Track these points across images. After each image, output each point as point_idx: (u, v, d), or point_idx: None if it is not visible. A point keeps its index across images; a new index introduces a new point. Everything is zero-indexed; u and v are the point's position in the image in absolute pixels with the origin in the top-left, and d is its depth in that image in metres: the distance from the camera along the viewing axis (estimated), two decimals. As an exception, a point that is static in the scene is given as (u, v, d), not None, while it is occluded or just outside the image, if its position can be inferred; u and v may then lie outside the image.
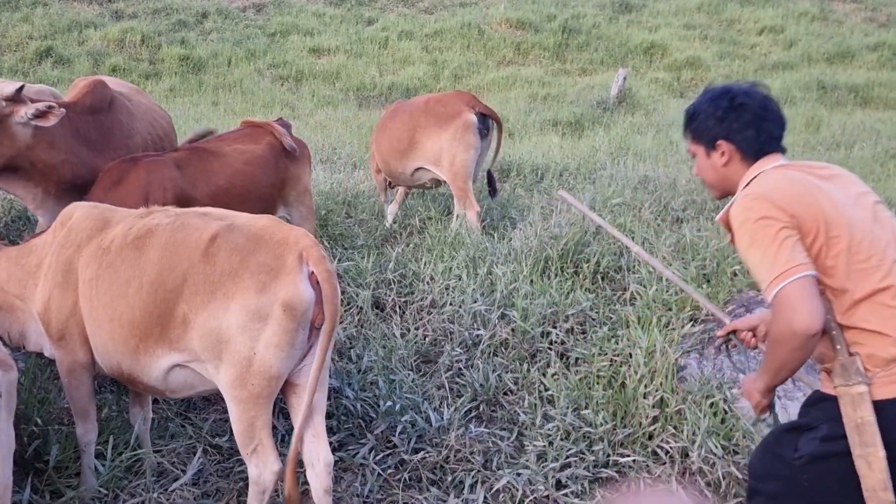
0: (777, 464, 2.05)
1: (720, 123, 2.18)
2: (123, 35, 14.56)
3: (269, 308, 2.41)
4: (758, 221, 1.94)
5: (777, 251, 1.89)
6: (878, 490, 1.82)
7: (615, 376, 3.68)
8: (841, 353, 1.93)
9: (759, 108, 2.16)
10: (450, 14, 17.20)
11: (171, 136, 4.69)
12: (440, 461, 3.30)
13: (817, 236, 1.94)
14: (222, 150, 4.17)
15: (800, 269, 1.87)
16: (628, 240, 2.91)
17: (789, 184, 2.01)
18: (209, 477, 3.17)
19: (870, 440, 1.83)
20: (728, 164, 2.19)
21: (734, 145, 2.17)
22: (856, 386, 1.87)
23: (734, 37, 16.23)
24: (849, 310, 1.94)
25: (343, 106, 12.63)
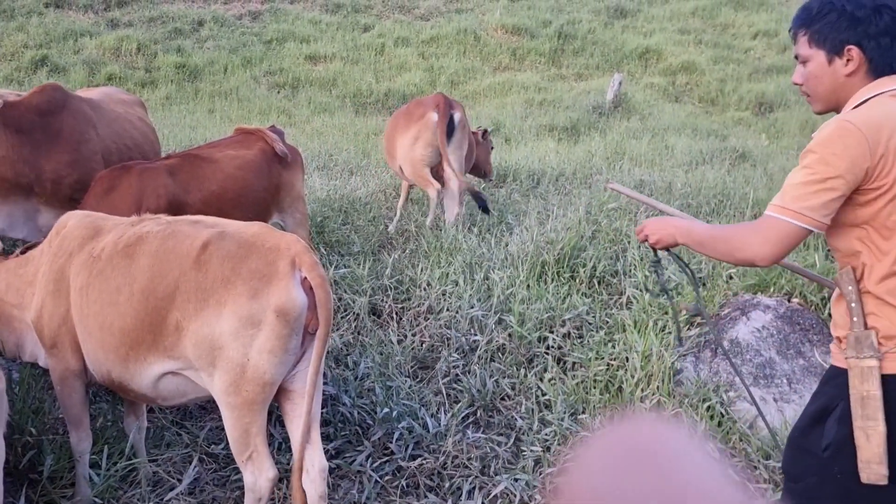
0: (807, 459, 1.99)
1: (855, 26, 1.89)
2: (119, 43, 14.57)
3: (262, 314, 2.41)
4: (833, 156, 1.81)
5: (813, 194, 1.82)
6: (873, 463, 1.81)
7: (612, 380, 3.68)
8: (857, 325, 1.89)
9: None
10: (446, 20, 17.24)
11: (143, 147, 4.64)
12: (437, 467, 3.29)
13: (888, 194, 1.82)
14: (214, 156, 4.18)
15: (806, 221, 1.83)
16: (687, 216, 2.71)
17: (887, 115, 1.82)
18: (205, 486, 3.16)
19: (872, 413, 1.81)
20: (852, 75, 1.93)
21: (865, 54, 1.90)
22: (866, 360, 1.85)
23: (728, 41, 16.29)
24: (884, 279, 1.86)
25: (340, 113, 12.65)
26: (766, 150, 9.49)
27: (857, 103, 1.92)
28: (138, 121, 4.77)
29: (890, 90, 1.91)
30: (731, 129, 11.36)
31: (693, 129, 11.03)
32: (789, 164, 8.05)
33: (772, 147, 9.84)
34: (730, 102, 13.07)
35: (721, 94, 13.78)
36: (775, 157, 8.85)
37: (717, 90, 13.94)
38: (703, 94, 13.91)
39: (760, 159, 8.59)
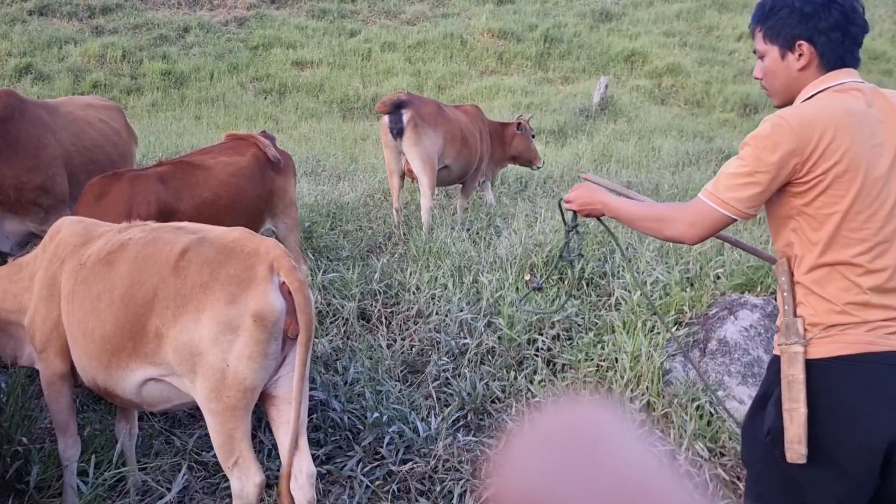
0: (755, 446, 2.06)
1: (805, 22, 1.95)
2: (104, 51, 14.50)
3: (240, 319, 2.40)
4: (764, 150, 1.87)
5: (742, 185, 1.91)
6: (794, 442, 1.86)
7: (602, 381, 3.69)
8: (787, 313, 1.96)
9: (850, 8, 1.95)
10: (432, 25, 17.27)
11: (105, 148, 4.62)
12: (428, 471, 3.28)
13: (822, 185, 1.86)
14: (207, 162, 4.17)
15: (731, 210, 1.93)
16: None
17: (832, 121, 1.85)
18: (194, 494, 3.14)
19: (795, 396, 1.87)
20: (804, 69, 1.98)
21: (816, 48, 1.95)
22: (793, 346, 1.91)
23: (713, 43, 16.40)
24: (811, 270, 1.93)
25: (327, 118, 12.64)
26: (752, 150, 9.55)
27: (805, 98, 1.98)
28: (98, 122, 4.73)
29: (836, 85, 1.95)
30: (716, 131, 11.44)
31: (679, 131, 11.09)
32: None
33: (757, 148, 9.91)
34: (715, 104, 13.16)
35: (706, 95, 13.87)
36: (761, 157, 8.91)
37: (703, 92, 14.03)
38: (688, 96, 13.99)
39: (746, 160, 8.65)
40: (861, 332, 1.87)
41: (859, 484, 1.90)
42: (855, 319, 1.88)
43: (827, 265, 1.90)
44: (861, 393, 1.87)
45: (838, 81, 1.95)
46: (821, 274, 1.91)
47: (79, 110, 4.68)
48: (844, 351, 1.88)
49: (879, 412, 1.86)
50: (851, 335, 1.88)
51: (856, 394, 1.87)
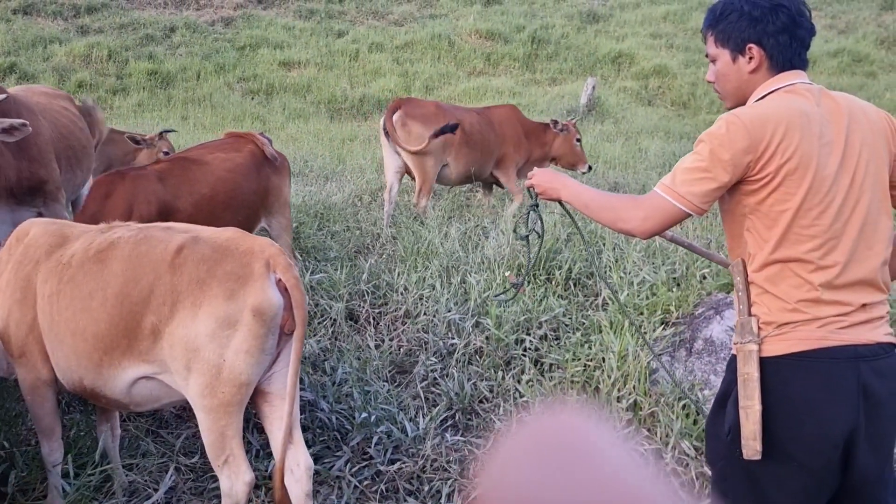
0: (717, 444, 2.08)
1: (754, 25, 2.00)
2: (89, 50, 14.40)
3: (239, 314, 2.43)
4: (719, 147, 1.91)
5: (697, 180, 1.94)
6: (750, 439, 1.89)
7: (589, 381, 3.71)
8: (742, 312, 1.99)
9: (796, 12, 2.00)
10: (420, 26, 17.28)
11: (75, 133, 4.62)
12: (416, 471, 3.29)
13: (770, 184, 1.91)
14: (204, 158, 4.24)
15: (687, 205, 1.95)
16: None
17: (782, 119, 1.90)
18: (182, 495, 3.13)
19: (750, 394, 1.90)
20: (755, 72, 2.03)
21: (765, 51, 2.00)
22: (748, 344, 1.94)
23: (699, 45, 16.47)
24: (764, 267, 1.96)
25: (314, 119, 12.61)
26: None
27: (757, 98, 2.03)
28: (63, 109, 4.75)
29: (786, 85, 2.01)
30: (702, 132, 11.49)
31: (665, 132, 11.15)
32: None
33: (743, 149, 9.99)
34: (701, 105, 13.25)
35: (692, 97, 13.96)
36: (746, 158, 8.98)
37: (689, 94, 14.11)
38: (675, 98, 14.08)
39: (732, 161, 8.71)
40: (813, 329, 1.90)
41: (819, 479, 1.93)
42: (806, 317, 1.91)
43: (779, 262, 1.94)
44: (815, 388, 1.90)
45: (788, 82, 2.01)
46: (773, 271, 1.95)
47: (43, 98, 4.70)
48: (797, 348, 1.91)
49: (834, 406, 1.89)
50: (803, 332, 1.91)
51: (810, 389, 1.90)
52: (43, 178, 4.03)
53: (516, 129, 6.62)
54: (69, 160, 4.47)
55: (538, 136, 6.75)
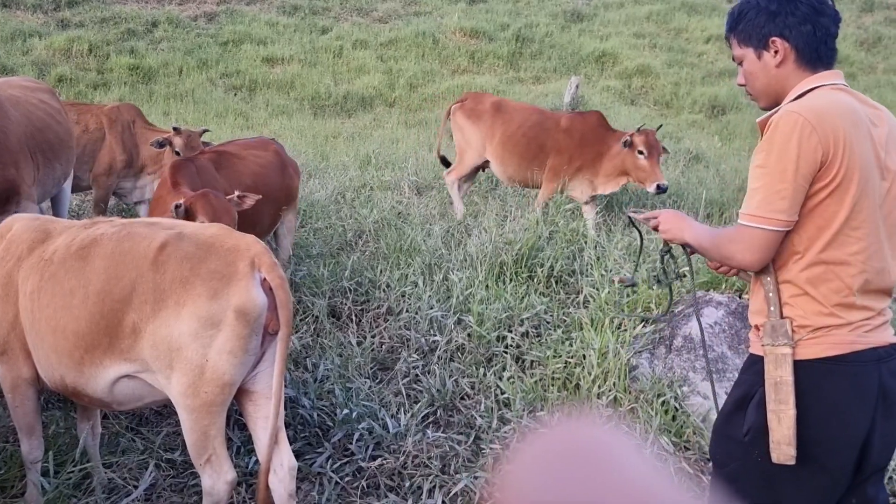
0: (731, 445, 2.07)
1: (773, 19, 1.99)
2: (70, 44, 14.23)
3: (223, 314, 2.41)
4: (788, 152, 1.84)
5: (776, 195, 1.86)
6: (783, 444, 1.88)
7: (570, 378, 3.73)
8: (773, 314, 1.96)
9: (816, 0, 1.98)
10: (404, 23, 17.25)
11: (53, 127, 4.57)
12: (398, 467, 3.30)
13: (833, 183, 1.86)
14: (241, 153, 4.48)
15: (779, 224, 1.87)
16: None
17: (841, 116, 1.87)
18: (162, 492, 3.11)
19: (784, 398, 1.89)
20: (782, 66, 2.00)
21: (789, 43, 1.98)
22: (781, 347, 1.92)
23: (682, 45, 16.62)
24: (808, 267, 1.92)
25: (298, 115, 12.55)
26: (719, 151, 9.72)
27: (797, 94, 1.98)
28: (40, 103, 4.66)
29: (830, 84, 1.97)
30: (685, 132, 11.60)
31: (648, 132, 11.19)
32: (741, 164, 8.27)
33: (724, 149, 10.08)
34: (684, 105, 13.34)
35: (675, 97, 14.05)
36: (728, 158, 9.07)
37: (672, 93, 14.21)
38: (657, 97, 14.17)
39: (713, 160, 8.80)
40: (845, 333, 1.91)
41: (836, 479, 1.95)
42: (841, 321, 1.91)
43: (825, 263, 1.91)
44: (844, 391, 1.91)
45: (831, 81, 1.98)
46: (817, 272, 1.92)
47: (19, 91, 4.62)
48: (831, 352, 1.91)
49: (859, 408, 1.91)
50: (837, 336, 1.91)
51: (839, 392, 1.91)
52: (12, 179, 3.93)
53: (574, 138, 6.05)
54: (45, 155, 4.39)
55: (607, 147, 5.94)
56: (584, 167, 5.98)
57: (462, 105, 6.57)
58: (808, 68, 2.00)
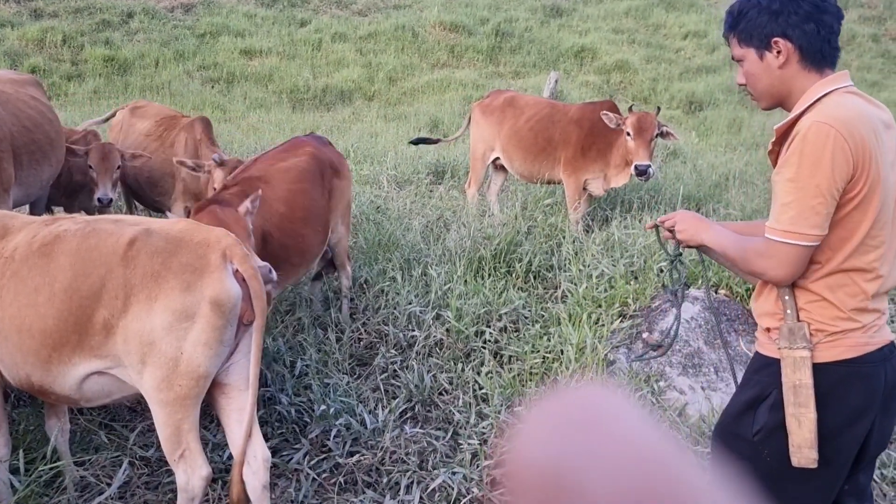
0: (739, 444, 2.07)
1: (776, 18, 1.93)
2: (43, 35, 14.00)
3: (197, 306, 2.40)
4: (821, 166, 1.79)
5: (810, 210, 1.82)
6: (804, 447, 1.88)
7: (547, 372, 3.74)
8: (790, 318, 1.95)
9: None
10: (384, 16, 17.17)
11: (44, 127, 4.40)
12: (375, 463, 3.29)
13: (859, 196, 1.84)
14: (269, 173, 3.82)
15: (813, 240, 1.84)
16: None
17: (864, 125, 1.83)
18: (136, 490, 3.08)
19: (804, 401, 1.88)
20: (785, 66, 1.95)
21: (792, 43, 1.93)
22: (799, 350, 1.91)
23: (660, 41, 16.72)
24: (829, 275, 1.91)
25: (276, 108, 12.46)
26: (696, 147, 9.79)
27: (813, 100, 1.93)
28: (31, 99, 4.51)
29: (842, 87, 1.93)
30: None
31: (627, 127, 11.25)
32: (718, 160, 8.34)
33: (702, 144, 10.16)
34: (661, 101, 13.42)
35: (653, 92, 14.13)
36: (704, 153, 9.14)
37: (650, 89, 14.29)
38: (636, 93, 14.24)
39: (690, 156, 8.86)
40: (858, 335, 1.92)
41: (839, 474, 1.98)
42: (857, 325, 1.92)
43: (845, 270, 1.90)
44: (858, 392, 1.93)
45: (843, 84, 1.94)
46: (836, 280, 1.92)
47: (9, 87, 4.45)
48: (847, 354, 1.92)
49: (869, 407, 1.94)
50: (852, 338, 1.92)
51: (854, 393, 1.93)
52: None
53: (584, 128, 5.81)
54: (33, 155, 4.24)
55: (608, 137, 5.69)
56: (597, 158, 5.75)
57: (481, 102, 6.56)
58: (813, 68, 1.96)
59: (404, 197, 6.62)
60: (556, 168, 5.95)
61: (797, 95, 1.97)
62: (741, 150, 9.47)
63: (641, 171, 5.29)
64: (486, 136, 6.30)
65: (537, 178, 6.09)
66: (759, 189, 6.74)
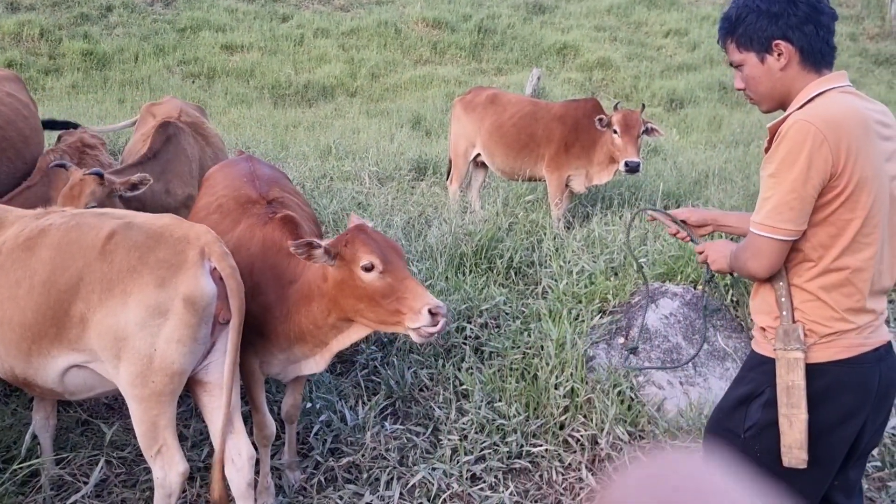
0: (729, 439, 2.09)
1: (776, 21, 1.97)
2: (20, 28, 13.79)
3: (170, 303, 2.39)
4: (798, 162, 1.84)
5: (785, 205, 1.87)
6: (795, 448, 1.91)
7: (528, 368, 3.76)
8: (785, 319, 1.98)
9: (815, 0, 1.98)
10: (366, 12, 17.09)
11: (17, 124, 4.30)
12: (356, 459, 3.29)
13: (844, 193, 1.87)
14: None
15: (787, 234, 1.90)
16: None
17: (852, 123, 1.87)
18: (113, 487, 3.06)
19: (796, 402, 1.91)
20: (787, 68, 1.99)
21: (793, 45, 1.97)
22: (793, 352, 1.94)
23: (642, 39, 16.78)
24: (822, 275, 1.94)
25: (257, 104, 12.38)
26: (677, 144, 9.85)
27: (807, 99, 1.96)
28: (6, 96, 4.43)
29: (838, 86, 1.97)
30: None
31: (608, 124, 11.29)
32: (698, 157, 8.40)
33: (682, 142, 10.23)
34: (643, 98, 13.48)
35: (635, 90, 14.19)
36: (685, 150, 9.20)
37: (631, 86, 14.35)
38: (617, 90, 14.30)
39: (671, 153, 8.92)
40: (853, 336, 1.95)
41: (829, 471, 2.02)
42: (852, 326, 1.95)
43: (839, 269, 1.93)
44: (852, 392, 1.96)
45: (838, 84, 1.97)
46: (830, 279, 1.94)
47: None
48: (842, 355, 1.95)
49: (862, 407, 1.97)
50: (847, 339, 1.95)
51: (848, 393, 1.96)
52: None
53: (568, 125, 5.81)
54: (5, 153, 4.16)
55: (591, 134, 5.67)
56: (580, 155, 5.75)
57: (463, 97, 6.57)
58: (813, 69, 1.99)
59: (386, 193, 6.60)
60: (538, 165, 5.96)
61: (796, 96, 2.00)
62: (721, 147, 9.55)
63: (632, 168, 5.35)
64: (468, 132, 6.30)
65: (519, 175, 6.08)
66: (738, 186, 6.79)
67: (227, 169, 3.50)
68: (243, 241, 2.91)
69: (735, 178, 7.16)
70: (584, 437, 3.39)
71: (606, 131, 5.50)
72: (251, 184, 3.24)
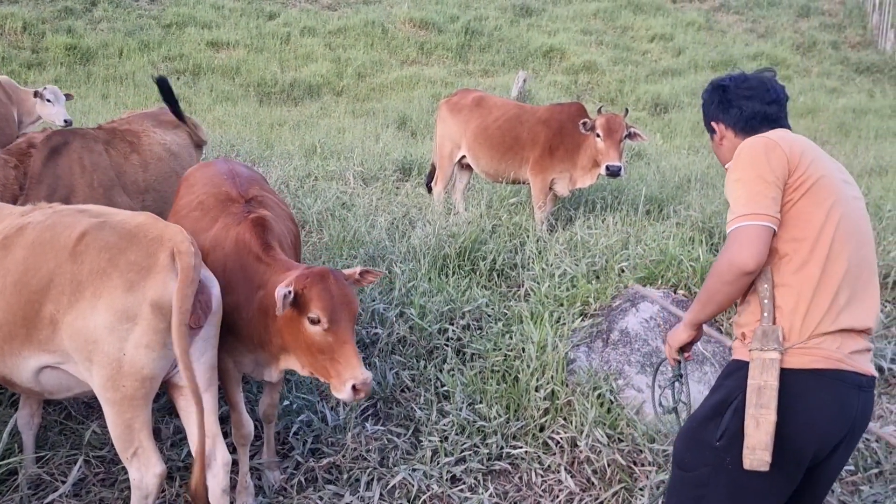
0: (702, 450, 2.10)
1: (708, 108, 2.43)
2: (2, 21, 13.64)
3: (138, 308, 2.36)
4: (758, 162, 2.07)
5: (758, 194, 2.02)
6: (759, 449, 1.90)
7: (509, 370, 3.78)
8: (766, 320, 2.02)
9: (742, 87, 2.34)
10: (353, 11, 17.06)
11: None
12: (336, 460, 3.29)
13: (804, 185, 2.06)
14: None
15: (765, 220, 2.01)
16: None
17: (797, 139, 2.16)
18: (91, 487, 3.04)
19: (766, 402, 1.92)
20: (723, 142, 2.38)
21: (723, 124, 2.37)
22: (769, 352, 1.97)
23: (627, 43, 16.88)
24: (800, 268, 2.03)
25: (243, 102, 12.32)
26: (661, 148, 9.92)
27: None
28: None
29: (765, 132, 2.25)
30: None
31: (593, 128, 11.34)
32: (681, 162, 8.46)
33: (666, 146, 10.30)
34: (627, 102, 13.57)
35: (620, 94, 14.27)
36: (668, 155, 9.27)
37: (617, 90, 14.43)
38: (603, 94, 14.37)
39: (654, 157, 8.99)
40: (833, 350, 1.99)
41: (793, 480, 2.04)
42: (830, 337, 2.00)
43: (815, 263, 2.02)
44: (827, 405, 1.99)
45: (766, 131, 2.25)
46: (808, 277, 2.02)
47: None
48: (819, 365, 1.98)
49: (835, 425, 2.00)
50: (826, 351, 1.99)
51: (822, 406, 1.98)
52: None
53: (552, 131, 5.84)
54: None
55: (576, 138, 5.70)
56: (564, 159, 5.78)
57: (449, 99, 6.58)
58: (750, 135, 2.27)
59: (370, 193, 6.61)
60: (522, 167, 5.98)
61: None
62: (704, 152, 9.62)
63: (614, 172, 5.40)
64: (454, 134, 6.31)
65: (503, 178, 6.10)
66: (719, 191, 6.86)
67: (206, 169, 3.50)
68: (219, 239, 2.93)
69: (717, 183, 7.23)
70: (563, 440, 3.42)
71: (590, 135, 5.54)
72: (231, 181, 3.26)
